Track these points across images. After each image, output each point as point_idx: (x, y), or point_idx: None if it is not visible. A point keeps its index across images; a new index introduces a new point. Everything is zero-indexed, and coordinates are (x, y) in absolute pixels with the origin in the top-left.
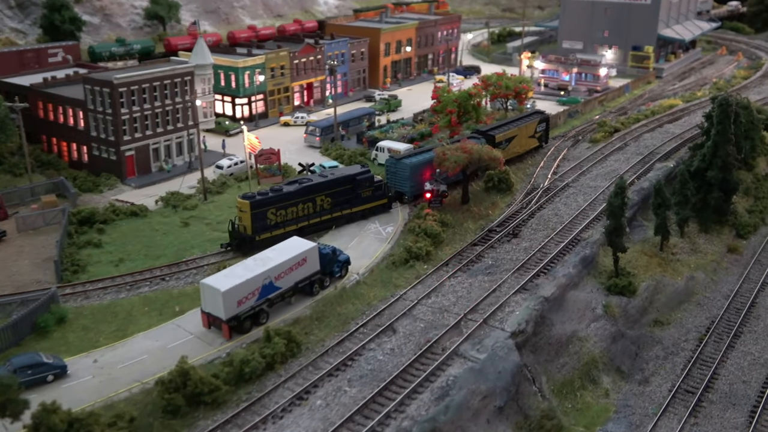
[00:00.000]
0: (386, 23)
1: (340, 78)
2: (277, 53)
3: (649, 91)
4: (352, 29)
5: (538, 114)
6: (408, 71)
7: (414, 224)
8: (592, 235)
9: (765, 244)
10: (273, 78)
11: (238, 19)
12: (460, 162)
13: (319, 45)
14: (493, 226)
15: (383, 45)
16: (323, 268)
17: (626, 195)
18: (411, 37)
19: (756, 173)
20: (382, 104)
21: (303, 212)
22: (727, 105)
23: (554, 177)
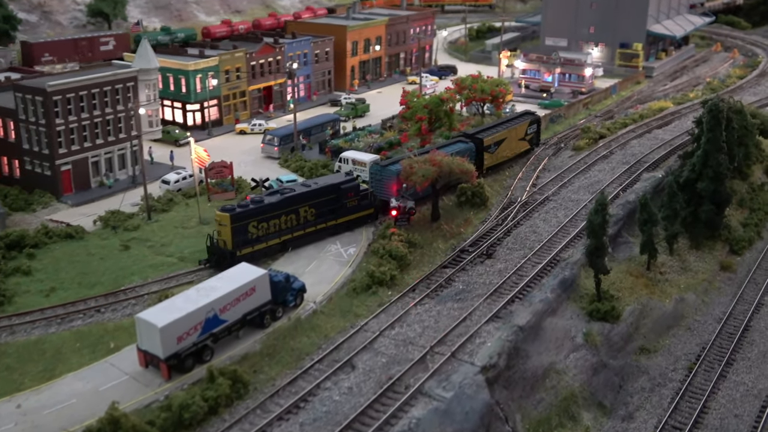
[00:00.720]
0: (353, 20)
1: (303, 81)
2: (233, 54)
3: (637, 93)
4: (315, 27)
5: (529, 115)
6: (378, 72)
7: (378, 245)
8: (573, 254)
9: (761, 261)
10: (228, 81)
11: (191, 16)
12: (429, 175)
13: (279, 45)
14: (466, 246)
15: (350, 44)
16: (275, 297)
17: (607, 212)
18: (381, 34)
19: (751, 182)
20: (348, 109)
21: (286, 225)
22: (718, 111)
23: (533, 189)
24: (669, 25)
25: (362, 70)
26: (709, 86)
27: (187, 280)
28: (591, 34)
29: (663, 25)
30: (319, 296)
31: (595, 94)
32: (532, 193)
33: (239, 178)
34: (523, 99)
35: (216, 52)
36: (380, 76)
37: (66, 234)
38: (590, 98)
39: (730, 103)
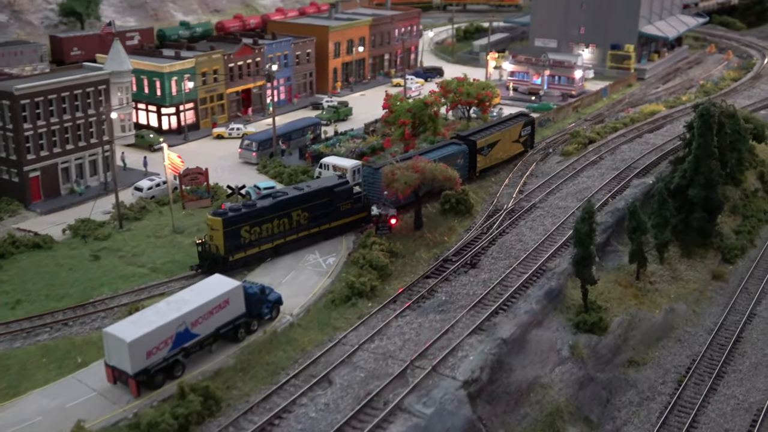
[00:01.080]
0: (336, 20)
1: (283, 83)
2: (210, 56)
3: (629, 96)
4: (296, 27)
5: (523, 117)
6: (361, 74)
7: (358, 255)
8: (560, 264)
9: (753, 269)
10: (205, 84)
11: (168, 15)
12: (411, 182)
13: (259, 46)
14: (449, 255)
15: (332, 45)
16: (250, 309)
17: (594, 220)
18: (364, 35)
19: (744, 188)
20: (330, 113)
21: (279, 229)
22: (709, 115)
23: (520, 196)
24: (661, 26)
25: (345, 72)
26: (703, 89)
27: (159, 291)
28: (581, 35)
29: (655, 26)
30: (296, 308)
31: (585, 97)
32: (518, 200)
33: (215, 184)
34: (511, 102)
35: (192, 53)
36: (364, 78)
37: (34, 243)
38: (580, 101)
39: (722, 107)
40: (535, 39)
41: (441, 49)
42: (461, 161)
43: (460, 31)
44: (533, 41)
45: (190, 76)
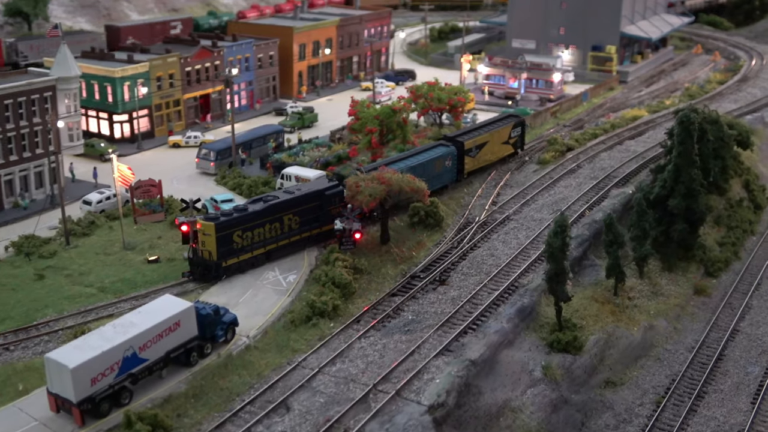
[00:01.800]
0: (301, 20)
1: (245, 87)
2: (165, 59)
3: (610, 100)
4: (258, 28)
5: (513, 118)
6: (328, 78)
7: (320, 271)
8: (533, 279)
9: (737, 283)
10: (160, 89)
11: (122, 15)
12: (377, 195)
13: (218, 48)
14: (417, 272)
15: (297, 46)
16: (203, 332)
17: (567, 234)
18: (331, 36)
19: (729, 198)
20: (294, 119)
21: (270, 234)
22: (689, 122)
23: (493, 208)
24: (644, 27)
25: (311, 76)
26: (687, 93)
27: (107, 313)
28: (561, 35)
29: (638, 26)
30: (253, 330)
31: (564, 102)
32: (491, 212)
33: (170, 197)
34: (487, 107)
35: (146, 56)
36: (331, 82)
37: None
38: (559, 106)
39: (704, 112)
40: (512, 40)
41: (414, 50)
42: (449, 163)
43: (434, 31)
44: (510, 42)
45: (143, 81)
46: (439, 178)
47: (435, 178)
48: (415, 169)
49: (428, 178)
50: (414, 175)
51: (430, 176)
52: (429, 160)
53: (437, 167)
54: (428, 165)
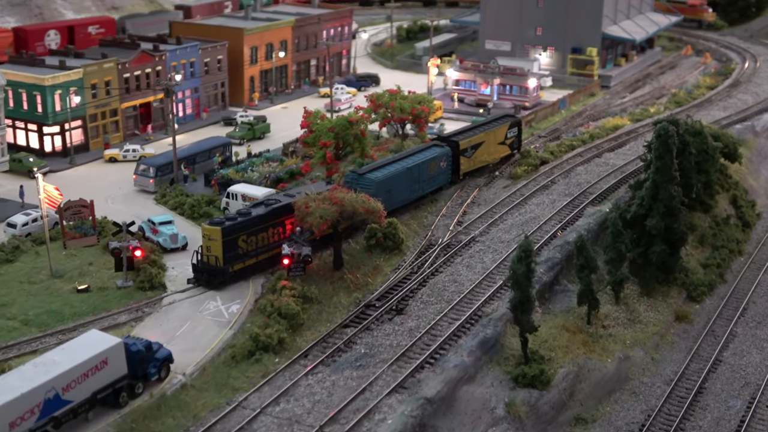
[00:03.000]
0: (253, 20)
1: (190, 95)
2: (101, 65)
3: (590, 107)
4: (205, 29)
5: (509, 117)
6: (283, 83)
7: (266, 301)
8: (498, 308)
9: (722, 308)
10: (95, 98)
11: (56, 14)
12: (328, 216)
13: (160, 52)
14: (373, 300)
15: (248, 49)
16: (133, 369)
17: (532, 259)
18: (286, 38)
19: (714, 215)
20: (244, 130)
21: (274, 238)
22: (667, 135)
23: (457, 228)
24: (628, 27)
25: (264, 82)
26: (674, 99)
27: (31, 348)
28: (538, 36)
29: (621, 26)
30: (189, 366)
31: (540, 110)
32: (455, 234)
33: (103, 218)
34: (456, 115)
35: (80, 62)
36: (286, 88)
37: None
38: (534, 114)
39: (686, 123)
40: (485, 41)
41: (379, 52)
42: (444, 164)
43: (402, 30)
44: (483, 43)
45: (77, 89)
46: (434, 180)
47: (429, 180)
48: (411, 171)
49: (422, 180)
50: (408, 177)
51: (424, 178)
52: (423, 162)
53: (432, 169)
54: (422, 166)
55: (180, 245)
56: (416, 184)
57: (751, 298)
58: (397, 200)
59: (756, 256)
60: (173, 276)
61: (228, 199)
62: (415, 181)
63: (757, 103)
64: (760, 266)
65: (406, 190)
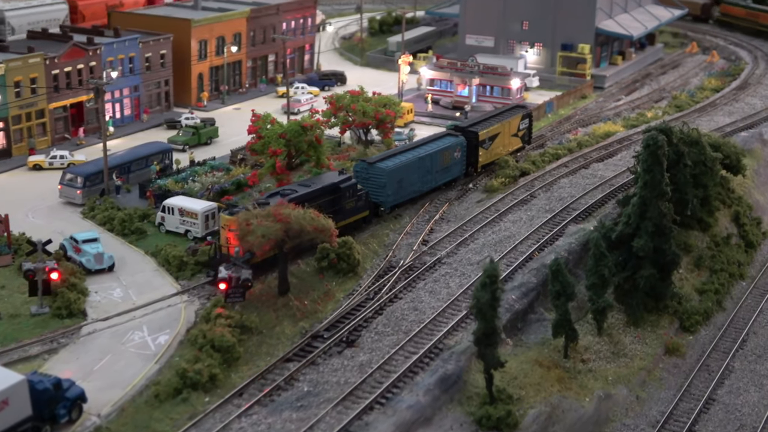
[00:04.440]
0: (203, 10)
1: (129, 94)
2: (25, 60)
3: (581, 111)
4: (147, 20)
5: (520, 108)
6: (237, 81)
7: (198, 331)
8: (462, 340)
9: (718, 340)
10: (19, 97)
11: None
12: (271, 235)
13: (94, 46)
14: (321, 330)
15: (197, 43)
16: (40, 411)
17: (498, 286)
18: (240, 30)
19: (714, 234)
20: (188, 134)
21: None
22: (657, 146)
23: (422, 248)
24: (625, 21)
25: (214, 80)
26: (674, 103)
27: None
28: (524, 31)
29: (617, 21)
30: (106, 406)
31: None
32: (419, 254)
33: (21, 235)
34: (429, 119)
35: (2, 56)
36: (240, 87)
37: None
38: None
39: (682, 132)
40: (465, 36)
41: (348, 47)
42: (458, 155)
43: (375, 22)
44: (464, 38)
45: None
46: (447, 171)
47: (442, 171)
48: (423, 161)
49: (435, 170)
50: (420, 167)
51: (437, 169)
52: (436, 151)
53: (445, 159)
54: (435, 156)
55: (106, 266)
56: (428, 174)
57: (752, 328)
58: (408, 191)
59: (760, 280)
60: (96, 302)
61: (163, 213)
62: (427, 172)
63: (767, 108)
64: (763, 291)
65: (417, 181)
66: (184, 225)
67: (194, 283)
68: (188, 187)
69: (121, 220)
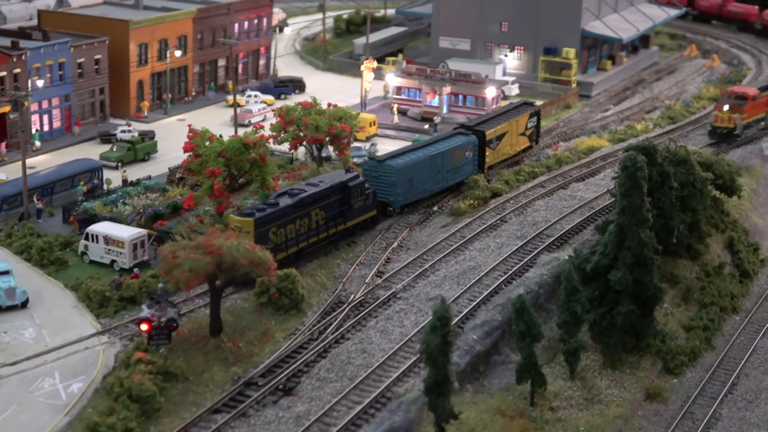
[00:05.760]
0: (145, 10)
1: (59, 104)
2: None
3: (564, 122)
4: (81, 21)
5: (528, 106)
6: (182, 89)
7: (114, 379)
8: (414, 387)
9: (706, 383)
10: None
11: None
12: (200, 270)
13: (19, 51)
14: (255, 376)
15: (136, 47)
16: None
17: (450, 329)
18: (186, 32)
19: (704, 263)
20: (122, 150)
21: (301, 230)
22: (635, 168)
23: (377, 281)
24: (614, 22)
25: (156, 87)
26: (668, 113)
27: None
28: (504, 33)
29: (605, 22)
30: None
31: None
32: (373, 288)
33: None
34: (395, 132)
35: None
36: (186, 96)
37: None
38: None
39: (668, 150)
40: (439, 38)
41: (310, 49)
42: (470, 154)
43: (341, 22)
44: (437, 41)
45: None
46: (458, 171)
47: (453, 171)
48: (434, 159)
49: (446, 170)
50: (431, 166)
51: (448, 168)
52: (447, 150)
53: (456, 158)
54: (447, 155)
55: (18, 302)
56: (439, 174)
57: (744, 370)
58: (419, 191)
59: (755, 315)
60: (4, 343)
61: (87, 241)
62: (438, 171)
63: None
64: (759, 327)
65: (429, 180)
66: (110, 255)
67: (117, 321)
68: (117, 210)
69: (39, 249)
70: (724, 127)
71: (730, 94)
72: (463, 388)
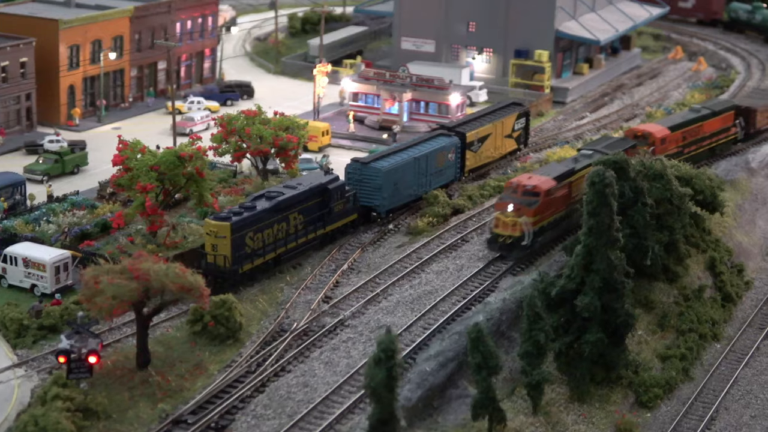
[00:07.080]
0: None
1: None
2: None
3: (535, 131)
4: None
5: (516, 106)
6: (118, 94)
7: (28, 417)
8: (358, 424)
9: (682, 418)
10: None
11: None
12: (125, 297)
13: None
14: (185, 413)
15: (66, 49)
16: None
17: (396, 362)
18: (122, 33)
19: (683, 286)
20: (49, 163)
21: (279, 235)
22: (603, 185)
23: (323, 307)
24: (591, 23)
25: (89, 93)
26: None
27: None
28: (471, 34)
29: (581, 22)
30: None
31: None
32: (318, 315)
33: None
34: (350, 142)
35: None
36: (122, 102)
37: None
38: None
39: (643, 164)
40: (401, 39)
41: (261, 50)
42: (452, 157)
43: (296, 21)
44: (399, 42)
45: None
46: (442, 174)
47: (436, 174)
48: (419, 161)
49: (430, 173)
50: (416, 169)
51: (432, 171)
52: (431, 152)
53: (439, 161)
54: (430, 157)
55: None
56: (423, 177)
57: (723, 403)
58: (404, 194)
59: (738, 342)
60: None
61: (4, 264)
62: (422, 174)
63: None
64: (741, 356)
65: (413, 184)
66: (30, 278)
67: (35, 353)
68: (40, 229)
69: None
70: (507, 235)
71: (516, 188)
72: (414, 426)
